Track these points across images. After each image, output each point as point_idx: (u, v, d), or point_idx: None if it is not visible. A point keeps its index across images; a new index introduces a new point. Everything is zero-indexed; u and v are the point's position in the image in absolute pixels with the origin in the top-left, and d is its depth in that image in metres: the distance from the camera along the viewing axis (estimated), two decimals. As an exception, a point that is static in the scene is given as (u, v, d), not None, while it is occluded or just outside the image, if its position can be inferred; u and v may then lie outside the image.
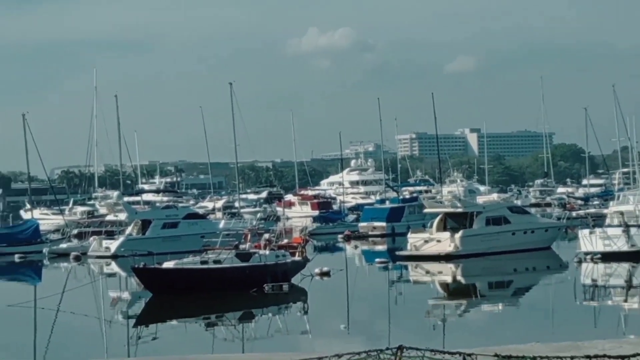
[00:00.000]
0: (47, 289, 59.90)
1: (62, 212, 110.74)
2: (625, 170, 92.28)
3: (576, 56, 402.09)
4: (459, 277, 64.00)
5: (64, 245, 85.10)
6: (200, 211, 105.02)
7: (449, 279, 63.37)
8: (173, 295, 51.11)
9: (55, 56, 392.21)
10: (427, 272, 66.09)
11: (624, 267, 63.18)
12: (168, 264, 54.56)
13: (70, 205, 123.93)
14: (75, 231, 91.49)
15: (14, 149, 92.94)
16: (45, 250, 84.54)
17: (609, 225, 69.40)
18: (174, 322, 47.03)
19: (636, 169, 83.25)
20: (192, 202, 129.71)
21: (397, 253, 73.79)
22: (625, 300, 52.18)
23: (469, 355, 15.55)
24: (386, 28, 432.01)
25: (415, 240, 71.73)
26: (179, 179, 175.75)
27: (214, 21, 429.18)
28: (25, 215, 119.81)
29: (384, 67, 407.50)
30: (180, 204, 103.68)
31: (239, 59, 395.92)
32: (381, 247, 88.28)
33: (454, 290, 59.47)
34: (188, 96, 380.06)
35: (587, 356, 17.63)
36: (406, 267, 68.96)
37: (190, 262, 55.07)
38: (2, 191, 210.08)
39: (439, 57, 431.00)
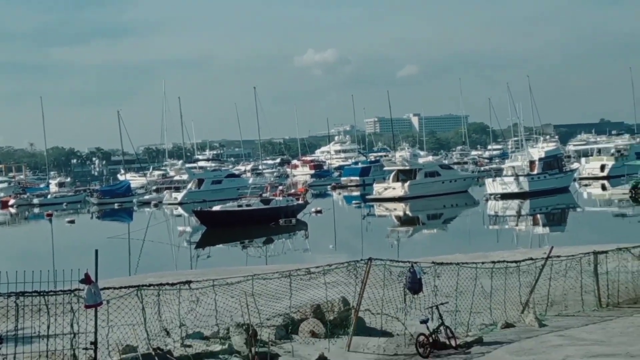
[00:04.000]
0: (136, 225, 60.04)
1: (145, 175, 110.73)
2: (516, 139, 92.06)
3: (483, 64, 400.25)
4: (407, 212, 64.12)
5: (147, 197, 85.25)
6: (236, 172, 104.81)
7: (401, 214, 63.47)
8: (220, 228, 51.27)
9: (140, 71, 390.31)
10: (387, 209, 66.18)
11: (515, 203, 63.36)
12: (216, 208, 54.71)
13: (151, 170, 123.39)
14: (154, 187, 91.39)
15: (113, 133, 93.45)
16: (134, 200, 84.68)
17: (505, 175, 69.75)
18: (221, 245, 47.18)
19: (522, 138, 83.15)
20: (231, 166, 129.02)
21: (367, 197, 73.84)
22: (517, 225, 52.34)
23: (415, 262, 15.58)
24: (358, 48, 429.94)
25: (378, 188, 71.89)
26: (221, 151, 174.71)
27: (246, 45, 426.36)
28: (120, 177, 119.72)
29: (357, 74, 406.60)
30: (223, 168, 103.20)
31: (262, 70, 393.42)
32: (356, 193, 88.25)
33: (404, 221, 59.59)
34: (228, 95, 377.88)
35: (492, 261, 17.67)
36: (373, 206, 69.01)
37: (231, 206, 55.20)
38: (105, 162, 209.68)
39: (393, 66, 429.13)
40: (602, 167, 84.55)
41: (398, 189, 70.21)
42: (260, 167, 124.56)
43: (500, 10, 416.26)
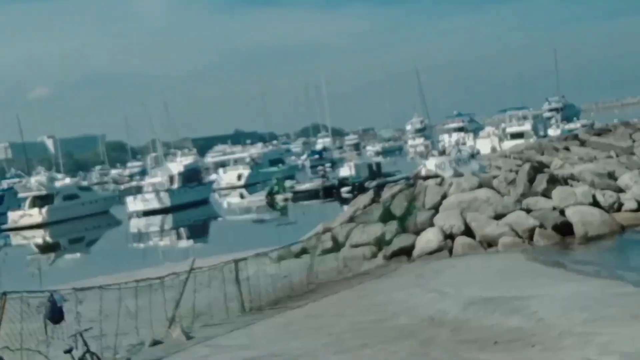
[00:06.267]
0: None
1: None
2: (154, 155, 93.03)
3: (118, 82, 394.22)
4: (48, 238, 61.77)
5: None
6: None
7: (41, 241, 61.06)
8: None
9: None
10: (25, 237, 63.21)
11: (158, 219, 63.69)
12: None
13: None
14: None
15: None
16: None
17: (146, 192, 70.08)
18: None
19: (161, 154, 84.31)
20: None
21: (2, 227, 69.85)
22: (161, 240, 52.72)
23: (55, 291, 14.94)
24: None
25: (14, 217, 69.03)
26: None
27: None
28: None
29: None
30: None
31: None
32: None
33: (45, 247, 57.51)
34: None
35: (136, 280, 17.55)
36: (9, 236, 65.50)
37: None
38: None
39: (23, 88, 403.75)
40: (239, 177, 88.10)
41: (36, 215, 67.57)
42: None
43: (130, 26, 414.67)
